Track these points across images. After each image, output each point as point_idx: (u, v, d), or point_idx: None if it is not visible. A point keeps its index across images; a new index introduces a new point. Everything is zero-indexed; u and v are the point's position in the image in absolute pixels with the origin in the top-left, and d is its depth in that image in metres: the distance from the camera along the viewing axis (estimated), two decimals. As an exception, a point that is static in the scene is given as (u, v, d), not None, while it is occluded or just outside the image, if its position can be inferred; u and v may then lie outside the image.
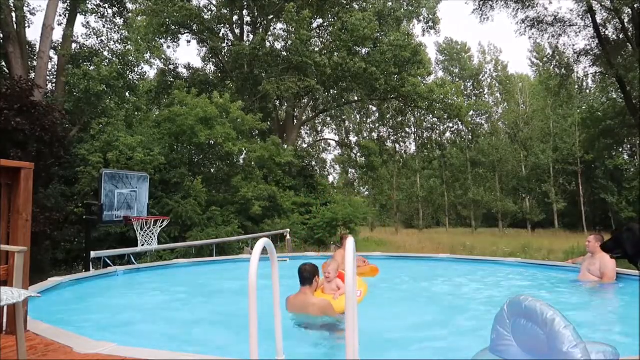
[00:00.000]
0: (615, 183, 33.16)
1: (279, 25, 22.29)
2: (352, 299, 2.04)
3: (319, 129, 40.34)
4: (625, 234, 6.62)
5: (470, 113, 35.15)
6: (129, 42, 14.43)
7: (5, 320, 3.31)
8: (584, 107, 35.13)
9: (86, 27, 15.62)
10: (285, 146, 18.89)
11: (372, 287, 6.46)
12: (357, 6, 21.91)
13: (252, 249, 6.05)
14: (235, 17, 23.27)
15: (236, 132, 14.74)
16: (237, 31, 23.57)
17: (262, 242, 2.43)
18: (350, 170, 44.28)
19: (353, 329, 2.03)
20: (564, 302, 5.35)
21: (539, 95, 38.85)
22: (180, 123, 13.79)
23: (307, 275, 4.20)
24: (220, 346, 3.82)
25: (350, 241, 2.21)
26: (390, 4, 23.10)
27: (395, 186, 41.18)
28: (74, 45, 15.13)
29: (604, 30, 17.07)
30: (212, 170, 16.00)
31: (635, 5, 15.02)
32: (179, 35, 22.98)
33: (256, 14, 22.66)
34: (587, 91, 38.23)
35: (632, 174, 33.47)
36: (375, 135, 39.05)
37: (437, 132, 41.87)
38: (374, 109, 33.95)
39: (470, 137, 35.05)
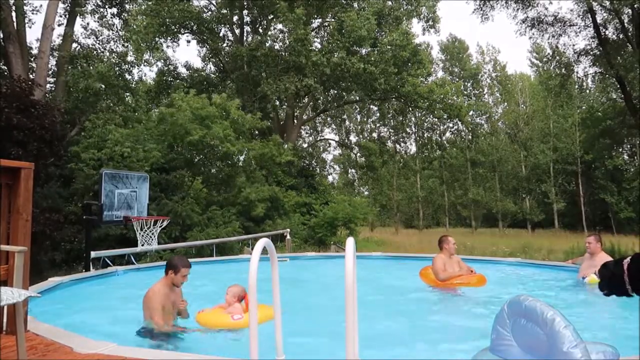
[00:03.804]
0: (615, 183, 33.17)
1: (279, 26, 22.31)
2: (352, 299, 2.04)
3: (319, 129, 40.36)
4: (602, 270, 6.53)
5: (470, 113, 35.17)
6: (130, 42, 14.45)
7: (5, 320, 3.30)
8: (584, 107, 35.15)
9: (85, 29, 15.67)
10: (285, 146, 18.86)
11: (385, 287, 6.47)
12: (356, 5, 21.89)
13: (252, 249, 6.05)
14: (235, 17, 23.27)
15: (236, 133, 14.68)
16: (237, 31, 23.57)
17: (262, 242, 2.42)
18: (350, 170, 44.33)
19: (353, 329, 2.03)
20: (564, 302, 5.35)
21: (539, 95, 38.86)
22: (173, 122, 13.68)
23: (166, 264, 4.17)
24: (220, 346, 3.82)
25: (350, 241, 2.21)
26: (390, 3, 23.09)
27: (395, 186, 41.18)
28: (74, 45, 15.16)
29: (604, 30, 17.06)
30: (213, 171, 16.01)
31: (635, 6, 15.01)
32: (179, 35, 22.99)
33: (256, 13, 22.66)
34: (587, 91, 38.25)
35: (632, 174, 33.49)
36: (375, 135, 39.11)
37: (437, 132, 41.91)
38: (375, 109, 33.99)
39: (470, 137, 35.04)
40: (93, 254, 7.43)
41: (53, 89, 15.02)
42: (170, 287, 4.14)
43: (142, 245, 8.42)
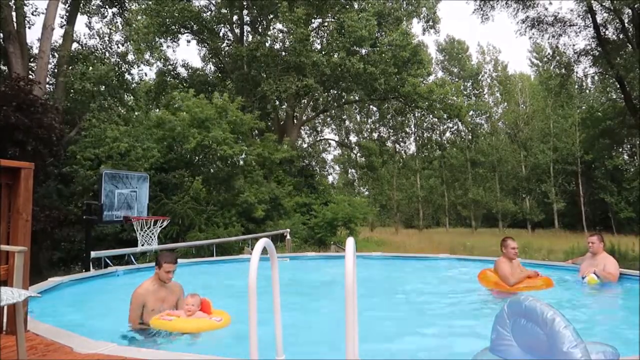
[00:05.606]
0: (615, 183, 33.18)
1: (278, 26, 22.33)
2: (352, 299, 2.03)
3: (319, 129, 40.36)
4: None
5: (470, 113, 35.18)
6: (130, 42, 14.44)
7: (5, 320, 3.30)
8: (583, 107, 35.15)
9: (88, 28, 15.66)
10: (285, 146, 18.85)
11: (376, 283, 6.46)
12: (357, 6, 21.91)
13: (252, 248, 6.04)
14: (235, 17, 23.27)
15: (235, 134, 14.67)
16: (237, 31, 23.57)
17: (262, 242, 2.42)
18: (350, 170, 44.34)
19: (353, 329, 2.03)
20: (564, 302, 5.35)
21: (539, 95, 38.87)
22: (170, 128, 13.68)
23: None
24: (220, 346, 3.82)
25: (350, 241, 2.21)
26: (390, 3, 23.10)
27: (395, 186, 41.19)
28: (74, 46, 15.15)
29: (604, 30, 17.07)
30: (212, 171, 16.01)
31: (635, 6, 15.02)
32: (179, 35, 22.99)
33: (256, 13, 22.66)
34: (587, 91, 38.25)
35: (632, 174, 33.50)
36: (375, 135, 39.11)
37: (437, 132, 41.91)
38: (374, 109, 34.01)
39: (470, 137, 35.04)
40: (93, 254, 7.43)
41: (53, 89, 15.01)
42: (160, 283, 4.16)
43: (142, 245, 8.42)
